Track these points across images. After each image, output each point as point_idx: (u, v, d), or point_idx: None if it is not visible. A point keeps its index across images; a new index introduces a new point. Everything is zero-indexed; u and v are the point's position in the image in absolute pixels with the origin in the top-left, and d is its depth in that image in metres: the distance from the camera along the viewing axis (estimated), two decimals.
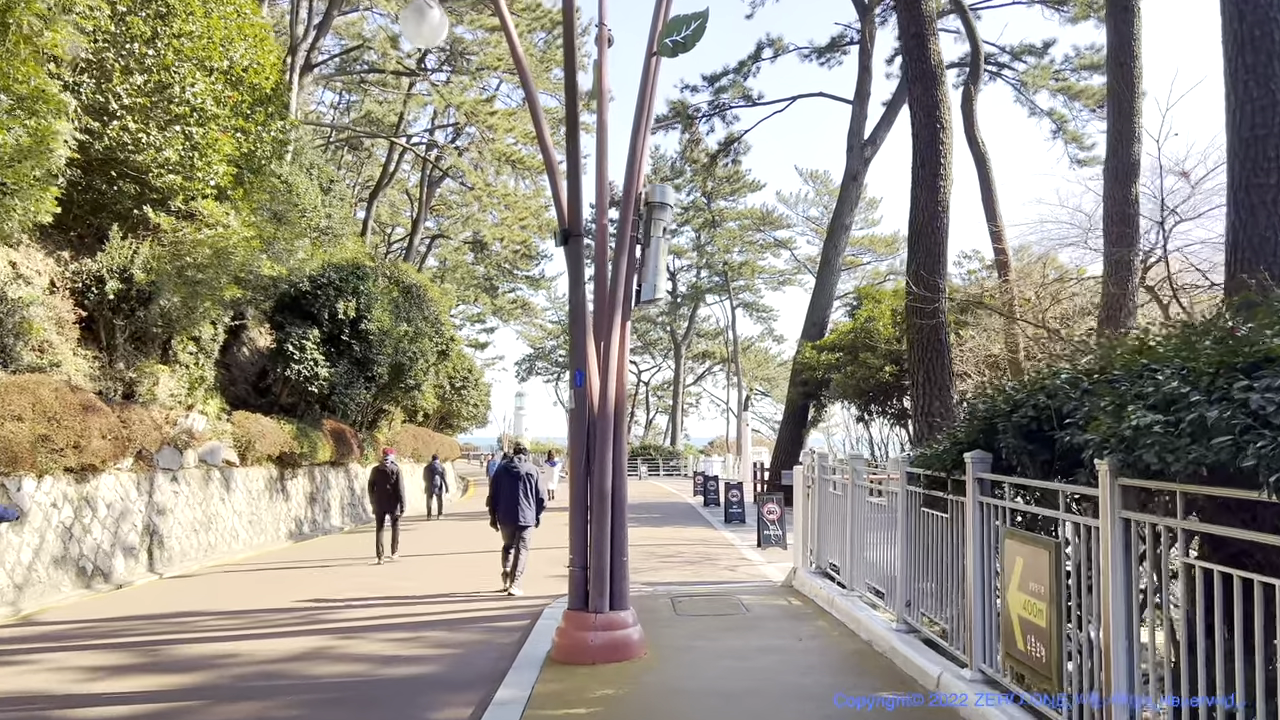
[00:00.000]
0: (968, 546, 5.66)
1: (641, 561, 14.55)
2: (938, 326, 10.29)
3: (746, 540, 17.85)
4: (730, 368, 69.36)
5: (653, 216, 7.54)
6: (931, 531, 6.71)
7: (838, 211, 31.07)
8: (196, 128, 16.78)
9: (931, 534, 6.71)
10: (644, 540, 17.86)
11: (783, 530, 16.57)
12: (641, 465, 55.74)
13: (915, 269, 10.17)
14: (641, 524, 21.96)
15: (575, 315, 7.42)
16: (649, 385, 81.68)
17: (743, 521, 22.05)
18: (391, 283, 31.36)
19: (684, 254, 66.72)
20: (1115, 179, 12.19)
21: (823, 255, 32.10)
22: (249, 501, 20.09)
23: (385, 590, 11.85)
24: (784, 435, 31.49)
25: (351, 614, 10.11)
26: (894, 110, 31.46)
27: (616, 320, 7.34)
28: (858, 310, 26.04)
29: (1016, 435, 4.98)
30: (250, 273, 18.85)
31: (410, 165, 57.20)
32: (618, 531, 7.21)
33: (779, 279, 67.12)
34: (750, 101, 32.49)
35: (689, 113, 32.51)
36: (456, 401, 43.53)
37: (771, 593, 10.65)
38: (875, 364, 22.93)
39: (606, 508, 7.14)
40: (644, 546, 16.77)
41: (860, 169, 30.81)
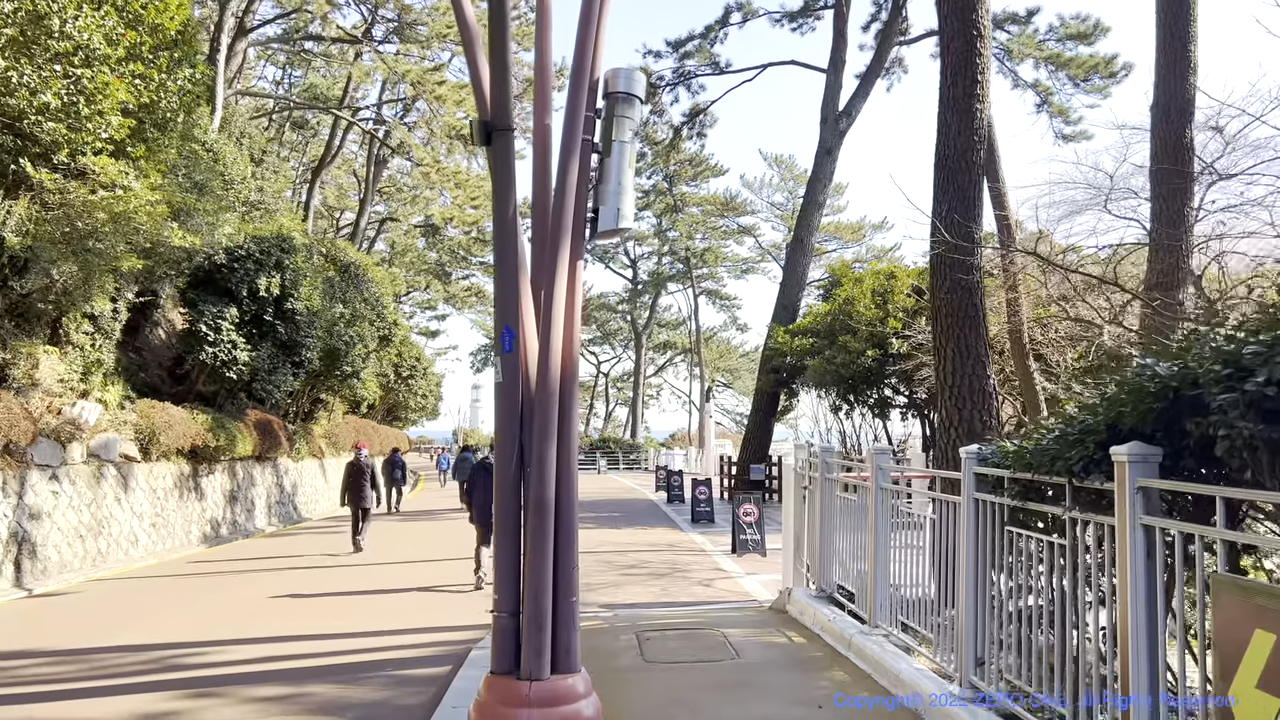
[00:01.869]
0: (1128, 600, 3.52)
1: (598, 574, 12.35)
2: (972, 288, 8.20)
3: (719, 545, 15.75)
4: (692, 358, 67.35)
5: (615, 113, 5.32)
6: (1025, 562, 4.60)
7: (810, 188, 29.06)
8: (82, 69, 14.24)
9: (1025, 567, 4.59)
10: (602, 546, 15.66)
11: (761, 535, 14.47)
12: (601, 459, 53.52)
13: (946, 213, 8.05)
14: (600, 525, 19.77)
15: (502, 249, 5.19)
16: (609, 376, 79.46)
17: (711, 521, 19.96)
18: (328, 261, 28.82)
19: (645, 240, 64.48)
20: (1165, 117, 10.20)
21: (794, 234, 30.08)
22: (153, 502, 17.57)
23: (287, 616, 9.54)
24: (753, 426, 29.45)
25: (222, 656, 7.79)
26: (870, 80, 29.52)
27: (563, 258, 5.12)
28: (835, 290, 24.03)
29: (1253, 415, 2.84)
30: (158, 243, 16.50)
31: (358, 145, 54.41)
32: (564, 560, 4.99)
33: (743, 267, 65.17)
34: (718, 69, 30.33)
35: (651, 81, 30.22)
36: (403, 392, 40.97)
37: (763, 623, 8.50)
38: (856, 348, 20.92)
39: (547, 525, 4.92)
40: (602, 554, 14.58)
41: (835, 143, 28.81)
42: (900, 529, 6.69)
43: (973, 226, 8.16)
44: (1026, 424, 17.21)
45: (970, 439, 8.25)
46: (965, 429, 8.25)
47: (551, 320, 5.04)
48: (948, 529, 5.73)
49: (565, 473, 5.08)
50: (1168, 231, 10.01)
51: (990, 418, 8.28)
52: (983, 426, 8.25)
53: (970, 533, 5.16)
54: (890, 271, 23.05)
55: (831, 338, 22.53)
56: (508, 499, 5.05)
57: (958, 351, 8.29)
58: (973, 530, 5.15)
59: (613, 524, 20.05)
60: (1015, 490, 4.63)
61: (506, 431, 5.07)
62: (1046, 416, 10.59)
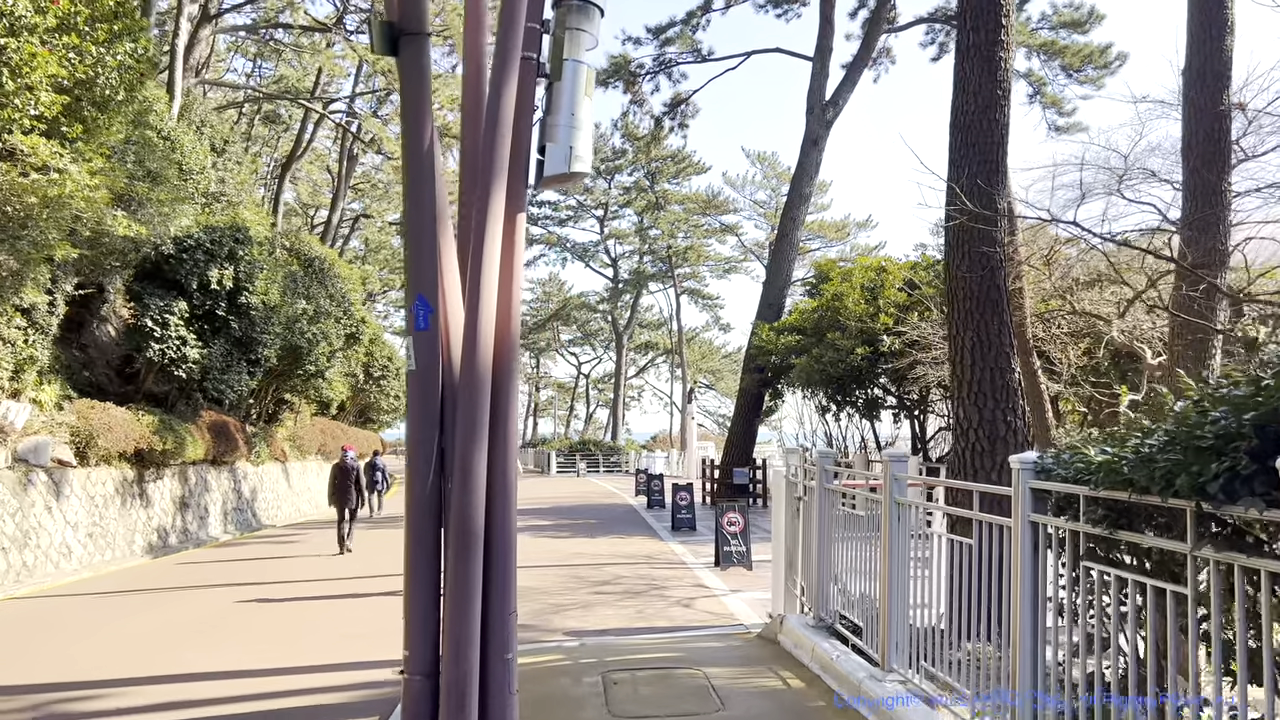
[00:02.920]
0: None
1: (568, 593, 11.13)
2: (994, 265, 7.05)
3: (701, 556, 14.57)
4: (674, 359, 66.20)
5: (568, 24, 4.12)
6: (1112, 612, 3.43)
7: (796, 180, 27.95)
8: (6, 39, 12.96)
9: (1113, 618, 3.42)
10: (575, 558, 14.45)
11: (746, 546, 13.30)
12: (580, 461, 52.24)
13: (965, 178, 6.89)
14: (575, 534, 18.54)
15: (416, 195, 3.98)
16: (589, 378, 78.19)
17: (693, 529, 18.78)
18: (291, 255, 27.46)
19: (626, 238, 63.27)
20: (1200, 81, 9.11)
21: (779, 228, 28.97)
22: (90, 510, 16.22)
23: (209, 644, 8.28)
24: (736, 428, 28.30)
25: (108, 702, 6.54)
26: (858, 69, 28.48)
27: (496, 207, 3.91)
28: (823, 285, 22.91)
29: None
30: (101, 232, 15.31)
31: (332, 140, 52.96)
32: (498, 604, 3.79)
33: (725, 266, 64.02)
34: (700, 57, 29.18)
35: (631, 69, 29.07)
36: (375, 393, 39.54)
37: (752, 658, 7.32)
38: (845, 345, 19.80)
39: (474, 559, 3.71)
40: (574, 568, 13.36)
41: (821, 133, 27.73)
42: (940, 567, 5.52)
43: (996, 193, 7.00)
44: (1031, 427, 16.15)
45: (992, 443, 7.10)
46: (986, 431, 7.10)
47: (481, 287, 3.83)
48: (984, 558, 4.56)
49: (501, 488, 3.88)
50: (1203, 209, 8.92)
51: (1015, 418, 7.13)
52: (1006, 428, 7.10)
53: (1026, 566, 3.99)
54: (880, 265, 21.95)
55: (819, 335, 21.42)
56: (420, 523, 3.83)
57: (978, 340, 7.13)
58: (1030, 563, 3.98)
59: (588, 532, 18.83)
60: (1098, 514, 3.46)
61: (419, 434, 3.86)
62: (1072, 423, 9.46)
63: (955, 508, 5.51)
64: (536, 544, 16.59)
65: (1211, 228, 8.93)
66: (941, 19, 28.89)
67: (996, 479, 7.09)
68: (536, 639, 8.42)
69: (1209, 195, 8.93)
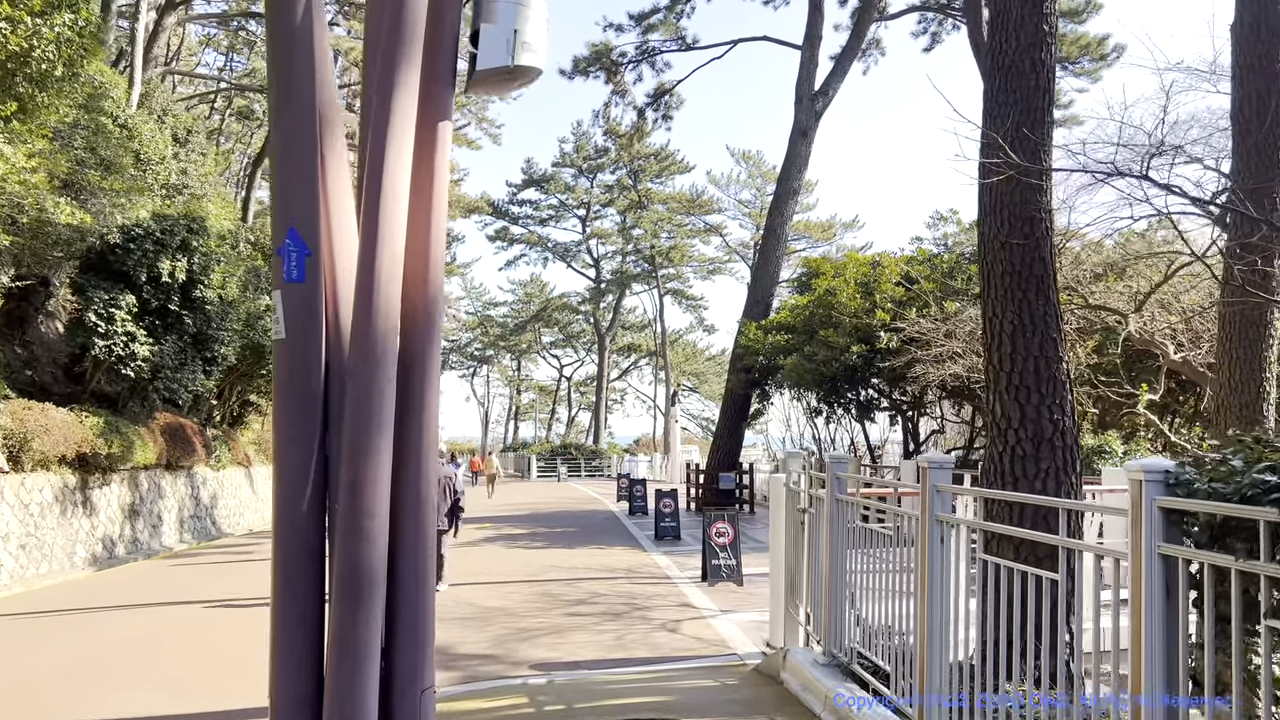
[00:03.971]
0: None
1: (539, 615, 9.92)
2: (1039, 237, 5.91)
3: (687, 570, 13.41)
4: (657, 361, 65.03)
5: None
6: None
7: (784, 173, 26.87)
8: None
9: None
10: (550, 572, 13.24)
11: (737, 560, 12.14)
12: (561, 466, 50.97)
13: (1010, 129, 5.76)
14: (552, 544, 17.33)
15: (284, 83, 2.80)
16: (571, 380, 76.89)
17: (677, 538, 17.62)
18: (255, 249, 26.16)
19: (609, 238, 62.05)
20: (1254, 35, 8.04)
21: (767, 223, 27.87)
22: (24, 519, 14.89)
23: (110, 682, 7.04)
24: (722, 431, 27.15)
25: None
26: (848, 58, 27.43)
27: (402, 106, 2.74)
28: (814, 281, 21.80)
29: None
30: (43, 221, 14.14)
31: None
32: (404, 677, 2.60)
33: (709, 267, 62.93)
34: (685, 45, 28.05)
35: (613, 58, 27.91)
36: None
37: (752, 704, 6.15)
38: (839, 343, 18.69)
39: (365, 613, 2.53)
40: (548, 584, 12.16)
41: (810, 124, 26.66)
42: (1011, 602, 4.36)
43: (1042, 147, 5.87)
44: None
45: (1036, 446, 5.98)
46: (1030, 432, 5.96)
47: (382, 221, 2.65)
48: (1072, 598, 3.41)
49: (412, 510, 2.69)
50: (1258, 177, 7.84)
51: (1064, 416, 6.01)
52: (1054, 428, 5.97)
53: (1157, 615, 2.84)
54: (875, 259, 20.87)
55: (810, 333, 20.31)
56: (291, 562, 2.64)
57: (1020, 323, 5.99)
58: (1162, 611, 2.83)
59: (566, 542, 17.63)
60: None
61: (289, 432, 2.67)
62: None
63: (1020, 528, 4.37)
64: (509, 556, 15.39)
65: (1269, 196, 7.86)
66: (935, 7, 27.90)
67: (1041, 488, 5.97)
68: (499, 673, 7.24)
69: (1266, 162, 7.86)
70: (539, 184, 58.74)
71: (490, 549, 16.46)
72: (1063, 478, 6.00)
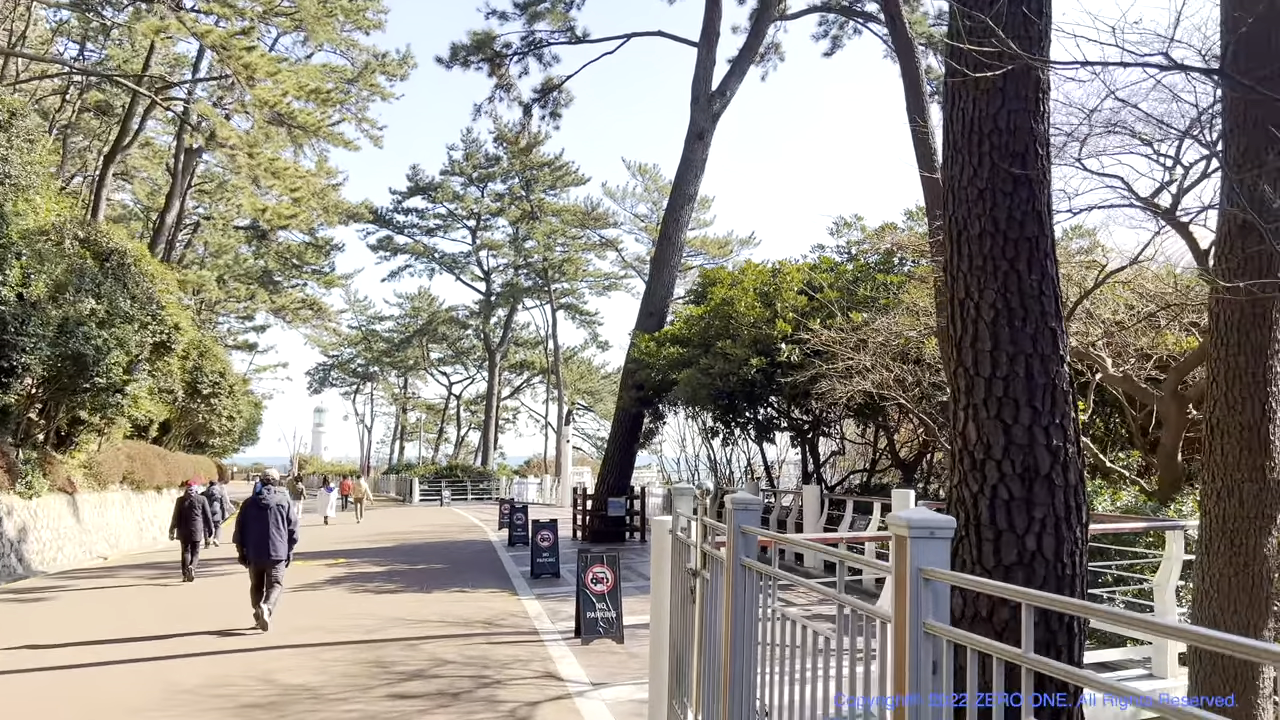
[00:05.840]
0: None
1: (356, 698, 7.59)
2: (1033, 181, 4.08)
3: (561, 619, 11.29)
4: (551, 379, 62.64)
5: None
6: None
7: (680, 177, 25.13)
8: None
9: None
10: (391, 627, 10.87)
11: (617, 611, 10.05)
12: (446, 489, 48.04)
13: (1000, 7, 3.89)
14: (408, 586, 14.92)
15: None
16: (461, 399, 73.73)
17: (556, 576, 15.48)
18: (83, 246, 22.95)
19: (499, 250, 59.50)
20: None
21: (661, 229, 26.08)
22: None
23: None
24: (612, 453, 25.10)
25: None
26: (746, 58, 25.96)
27: None
28: (711, 289, 20.04)
29: None
30: None
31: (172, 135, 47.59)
32: None
33: (605, 282, 60.99)
34: (575, 37, 26.08)
35: (496, 48, 25.77)
36: (204, 412, 34.63)
37: None
38: (738, 355, 16.90)
39: None
40: (384, 646, 9.82)
41: (707, 126, 25.02)
42: None
43: (1044, 38, 4.05)
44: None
45: (1028, 485, 4.12)
46: (1018, 464, 4.11)
47: None
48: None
49: None
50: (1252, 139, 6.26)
51: (1065, 441, 4.17)
52: (1053, 459, 4.13)
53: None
54: (776, 267, 19.24)
55: (706, 345, 18.50)
56: None
57: (1006, 307, 4.14)
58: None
59: (427, 583, 15.25)
60: None
61: None
62: None
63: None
64: (350, 604, 12.95)
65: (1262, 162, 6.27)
66: (836, 8, 26.71)
67: (1037, 546, 4.11)
68: None
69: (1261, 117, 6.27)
70: (426, 192, 55.86)
71: (331, 594, 13.97)
72: (1064, 531, 4.15)
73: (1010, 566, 4.13)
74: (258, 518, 11.01)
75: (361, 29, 44.20)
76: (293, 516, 11.40)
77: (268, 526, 10.94)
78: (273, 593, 11.01)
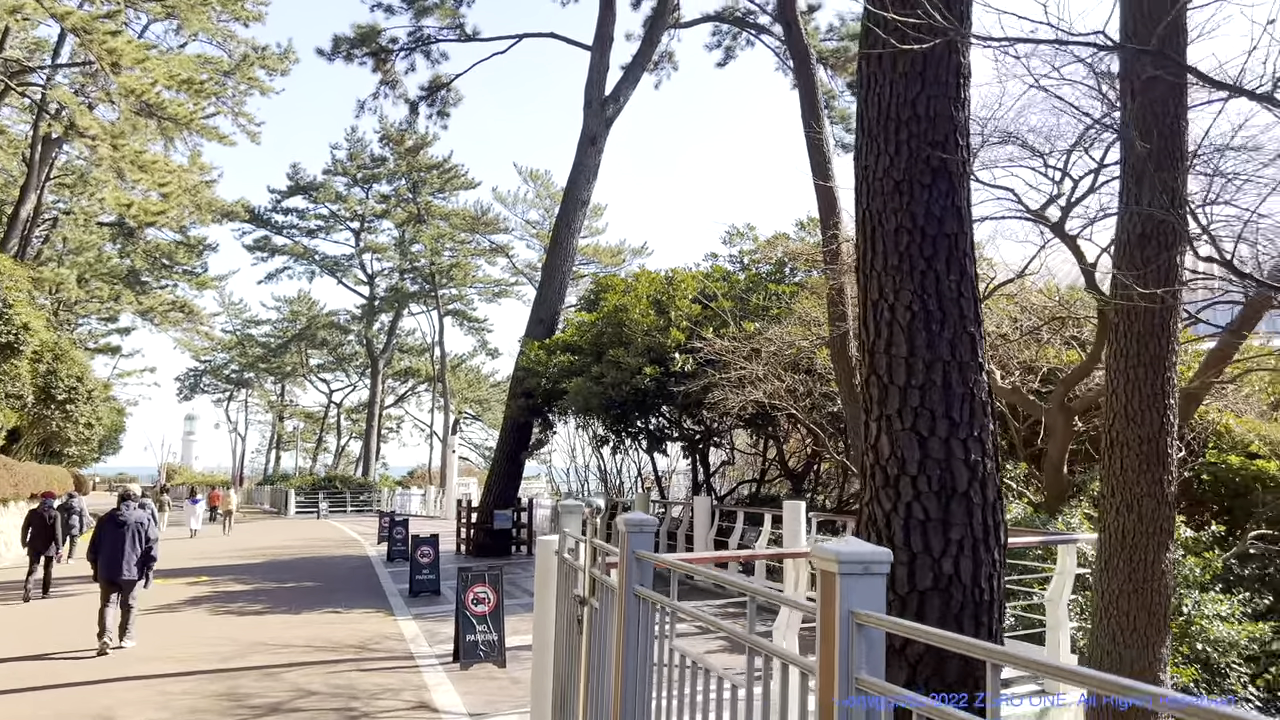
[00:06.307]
0: None
1: None
2: (953, 173, 3.77)
3: (439, 641, 10.63)
4: (437, 387, 61.07)
5: None
6: None
7: (573, 182, 24.66)
8: None
9: None
10: (252, 653, 9.99)
11: (499, 633, 9.47)
12: (323, 501, 46.12)
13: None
14: (275, 605, 13.94)
15: None
16: (341, 407, 71.25)
17: (437, 594, 14.74)
18: None
19: (384, 253, 57.74)
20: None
21: (553, 234, 25.54)
22: None
23: None
24: (499, 464, 24.36)
25: None
26: (641, 63, 25.74)
27: None
28: (604, 296, 19.60)
29: None
30: None
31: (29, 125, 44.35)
32: None
33: (495, 289, 59.88)
34: (465, 35, 25.30)
35: (382, 43, 24.77)
36: (59, 420, 32.20)
37: None
38: (631, 363, 16.52)
39: None
40: (239, 674, 8.96)
41: (600, 131, 24.65)
42: None
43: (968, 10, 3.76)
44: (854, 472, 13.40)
45: (945, 504, 3.81)
46: (935, 481, 3.80)
47: None
48: None
49: None
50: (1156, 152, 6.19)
51: (984, 456, 3.88)
52: (971, 475, 3.84)
53: None
54: (669, 274, 18.96)
55: (598, 353, 18.05)
56: None
57: (924, 310, 3.81)
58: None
59: (296, 603, 14.28)
60: None
61: None
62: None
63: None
64: (210, 626, 11.94)
65: (1164, 182, 6.21)
66: (730, 19, 26.76)
67: (954, 570, 3.79)
68: None
69: (1165, 134, 6.22)
70: (307, 191, 53.73)
71: (189, 616, 12.89)
72: (982, 554, 3.85)
73: (925, 592, 3.80)
74: (114, 535, 10.64)
75: (240, 20, 42.23)
76: (152, 535, 10.93)
77: (123, 544, 10.55)
78: (128, 617, 10.53)
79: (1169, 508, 6.14)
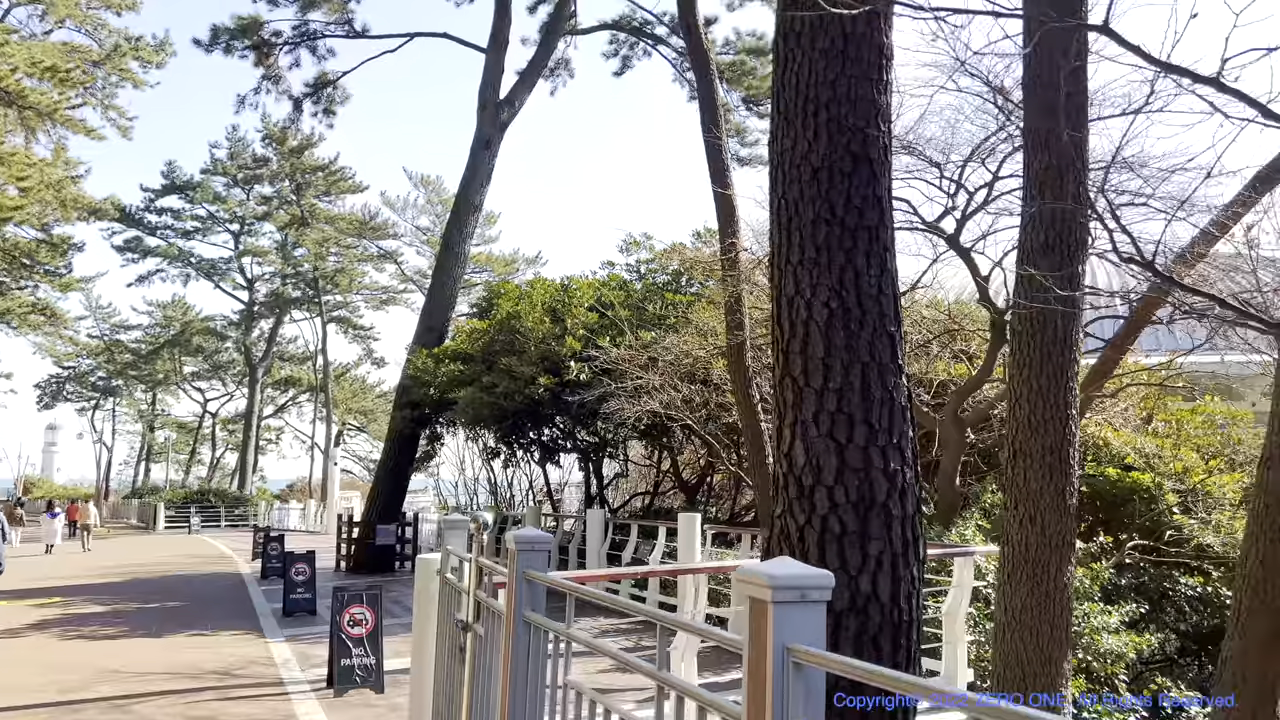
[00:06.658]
0: None
1: None
2: (874, 162, 3.52)
3: (312, 665, 9.92)
4: (320, 397, 58.93)
5: None
6: None
7: (465, 185, 24.02)
8: None
9: None
10: (105, 683, 9.08)
11: (378, 657, 8.86)
12: (195, 515, 43.77)
13: None
14: (134, 627, 12.90)
15: None
16: (216, 417, 68.01)
17: (313, 614, 13.91)
18: None
19: (265, 257, 55.46)
20: None
21: (444, 239, 24.84)
22: None
23: None
24: (383, 477, 23.45)
25: None
26: (537, 67, 25.35)
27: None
28: (497, 302, 19.04)
29: None
30: None
31: None
32: None
33: (382, 295, 58.22)
34: (353, 32, 24.40)
35: (265, 36, 23.66)
36: None
37: None
38: (525, 373, 16.03)
39: None
40: (88, 707, 8.10)
41: (494, 134, 24.12)
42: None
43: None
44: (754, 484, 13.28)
45: (863, 516, 3.55)
46: (853, 492, 3.54)
47: None
48: None
49: None
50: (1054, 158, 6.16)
51: (903, 465, 3.63)
52: (890, 485, 3.59)
53: None
54: (565, 282, 18.56)
55: (489, 362, 17.48)
56: None
57: (842, 308, 3.55)
58: None
59: (158, 625, 13.25)
60: None
61: None
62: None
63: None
64: (53, 653, 10.89)
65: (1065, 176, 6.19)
66: (627, 28, 26.62)
67: (871, 589, 3.52)
68: None
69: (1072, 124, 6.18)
70: (183, 191, 51.18)
71: (32, 641, 11.77)
72: (901, 570, 3.58)
73: (841, 613, 3.51)
74: None
75: (112, 9, 40.03)
76: None
77: None
78: None
79: (1071, 519, 6.09)
